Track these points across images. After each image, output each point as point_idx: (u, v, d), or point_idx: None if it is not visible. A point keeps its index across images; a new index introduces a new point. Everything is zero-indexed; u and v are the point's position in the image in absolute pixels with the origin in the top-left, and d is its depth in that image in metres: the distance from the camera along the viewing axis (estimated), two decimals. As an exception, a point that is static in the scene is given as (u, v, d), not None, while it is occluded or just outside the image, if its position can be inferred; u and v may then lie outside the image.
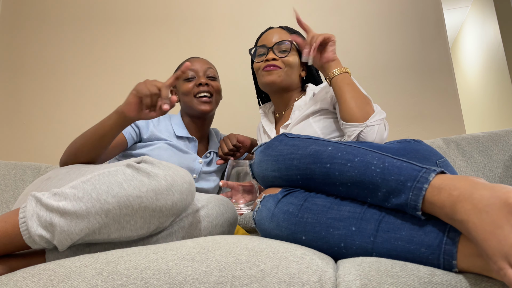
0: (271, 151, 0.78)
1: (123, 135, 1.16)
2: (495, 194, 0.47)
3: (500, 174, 1.31)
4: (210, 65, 1.35)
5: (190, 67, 1.25)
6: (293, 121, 1.15)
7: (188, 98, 1.28)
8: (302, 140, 0.75)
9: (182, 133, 1.29)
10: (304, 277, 0.53)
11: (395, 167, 0.61)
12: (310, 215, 0.67)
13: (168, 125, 1.29)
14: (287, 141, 0.77)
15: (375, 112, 0.97)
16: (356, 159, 0.65)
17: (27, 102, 2.10)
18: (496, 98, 3.24)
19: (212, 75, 1.32)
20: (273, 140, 0.81)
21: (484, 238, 0.46)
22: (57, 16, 2.18)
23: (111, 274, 0.56)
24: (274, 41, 1.21)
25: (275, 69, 1.17)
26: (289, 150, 0.75)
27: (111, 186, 0.69)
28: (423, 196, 0.55)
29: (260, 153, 0.82)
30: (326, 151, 0.69)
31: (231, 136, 1.33)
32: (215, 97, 1.31)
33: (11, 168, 1.51)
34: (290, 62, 1.19)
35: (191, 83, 1.28)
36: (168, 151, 1.20)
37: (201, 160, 1.29)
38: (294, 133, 0.81)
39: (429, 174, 0.57)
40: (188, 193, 0.75)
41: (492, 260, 0.45)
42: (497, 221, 0.45)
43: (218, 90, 1.33)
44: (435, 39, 1.80)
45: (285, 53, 1.19)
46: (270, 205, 0.74)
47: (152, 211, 0.70)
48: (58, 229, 0.66)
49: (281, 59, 1.18)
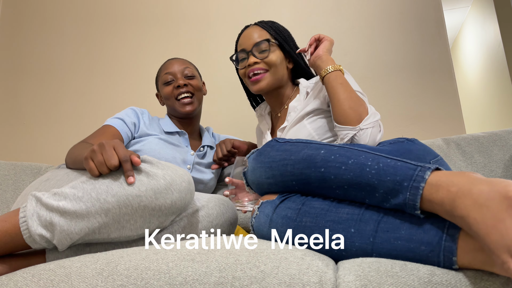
0: (264, 157, 0.78)
1: (120, 135, 1.18)
2: (494, 188, 0.47)
3: (500, 174, 1.31)
4: (187, 64, 1.35)
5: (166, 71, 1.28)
6: (289, 124, 1.14)
7: (170, 101, 1.31)
8: (294, 145, 0.75)
9: (170, 128, 1.30)
10: (305, 278, 0.53)
11: (389, 167, 0.61)
12: (308, 219, 0.67)
13: (157, 125, 1.31)
14: (278, 146, 0.77)
15: (369, 114, 0.95)
16: (350, 161, 0.65)
17: (27, 102, 2.10)
18: (496, 98, 3.23)
19: (190, 74, 1.32)
20: (264, 146, 0.80)
21: (486, 232, 0.46)
22: (57, 17, 2.18)
23: (111, 274, 0.56)
24: (252, 43, 1.16)
25: (261, 76, 1.14)
26: (281, 156, 0.74)
27: (110, 186, 0.69)
28: (421, 194, 0.55)
29: (253, 160, 0.82)
30: (319, 154, 0.69)
31: (227, 141, 1.33)
32: (196, 95, 1.32)
33: (11, 169, 1.51)
34: (273, 61, 1.14)
35: (171, 86, 1.30)
36: (159, 144, 1.22)
37: (193, 152, 1.30)
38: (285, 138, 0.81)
39: (425, 172, 0.57)
40: (187, 192, 0.76)
41: (495, 254, 0.45)
42: (498, 215, 0.45)
43: (198, 87, 1.33)
44: (435, 39, 1.80)
45: (265, 53, 1.15)
46: (268, 211, 0.74)
47: (152, 210, 0.70)
48: (58, 229, 0.66)
49: (263, 61, 1.14)
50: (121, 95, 2.03)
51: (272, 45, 1.17)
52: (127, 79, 2.04)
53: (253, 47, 1.15)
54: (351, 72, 1.23)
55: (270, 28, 1.19)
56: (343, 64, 1.11)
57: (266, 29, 1.19)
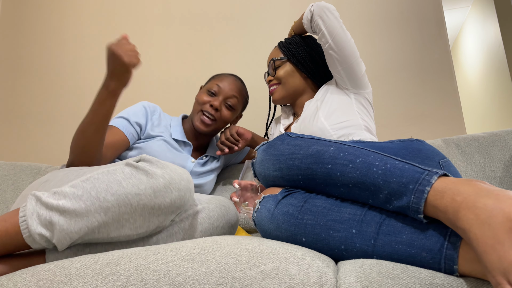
0: (273, 150, 0.78)
1: (126, 137, 1.15)
2: (499, 205, 0.46)
3: (500, 174, 1.31)
4: (238, 93, 1.32)
5: (218, 83, 1.30)
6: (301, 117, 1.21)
7: (196, 107, 1.30)
8: (304, 140, 0.75)
9: (178, 136, 1.28)
10: (305, 279, 0.53)
11: (397, 168, 0.60)
12: (310, 217, 0.67)
13: (166, 126, 1.29)
14: (289, 140, 0.77)
15: None
16: (358, 160, 0.65)
17: (27, 102, 2.10)
18: (497, 99, 3.23)
19: (231, 104, 1.30)
20: (275, 139, 0.81)
21: (485, 250, 0.45)
22: (57, 16, 2.18)
23: (111, 275, 0.56)
24: (268, 64, 1.34)
25: (273, 90, 1.30)
26: (291, 149, 0.74)
27: (110, 185, 0.69)
28: (425, 199, 0.55)
29: (262, 152, 0.82)
30: (328, 151, 0.69)
31: (231, 127, 1.35)
32: (218, 123, 1.30)
33: (11, 169, 1.51)
34: (280, 76, 1.28)
35: (209, 97, 1.29)
36: (161, 146, 1.21)
37: (193, 160, 1.29)
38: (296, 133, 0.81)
39: (431, 176, 0.56)
40: (187, 190, 0.76)
41: (491, 274, 0.44)
42: (498, 236, 0.44)
43: (226, 120, 1.31)
44: (436, 39, 1.80)
45: (274, 71, 1.30)
46: (270, 206, 0.74)
47: (151, 209, 0.71)
48: (57, 228, 0.66)
49: (274, 78, 1.30)
50: (122, 95, 2.03)
51: (279, 62, 1.30)
52: (127, 79, 2.04)
53: (268, 67, 1.34)
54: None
55: (282, 47, 1.32)
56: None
57: (280, 48, 1.32)
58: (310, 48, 1.29)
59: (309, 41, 1.31)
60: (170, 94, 2.00)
